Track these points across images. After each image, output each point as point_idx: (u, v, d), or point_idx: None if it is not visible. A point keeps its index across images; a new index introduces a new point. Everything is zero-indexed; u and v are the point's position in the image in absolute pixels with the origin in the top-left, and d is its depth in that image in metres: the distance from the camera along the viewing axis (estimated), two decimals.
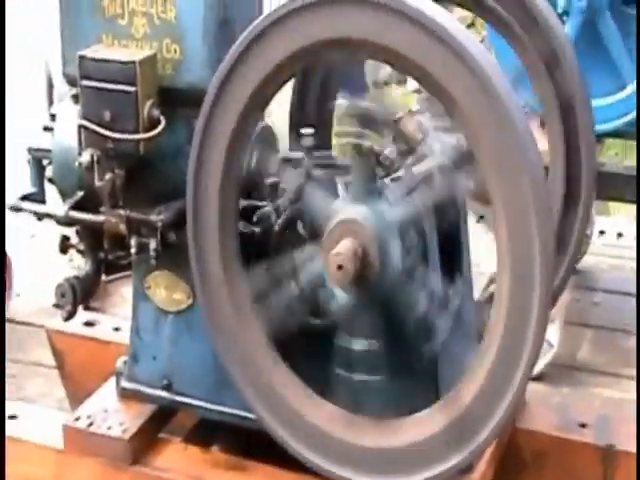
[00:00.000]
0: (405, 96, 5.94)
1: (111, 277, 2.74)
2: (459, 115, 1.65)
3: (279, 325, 1.86)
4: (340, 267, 1.74)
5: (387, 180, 1.89)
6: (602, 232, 3.80)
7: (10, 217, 2.40)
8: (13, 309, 3.57)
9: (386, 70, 5.97)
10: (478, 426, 1.71)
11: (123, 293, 3.52)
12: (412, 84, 5.91)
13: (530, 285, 1.62)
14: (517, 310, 1.64)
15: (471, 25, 4.83)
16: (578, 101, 2.14)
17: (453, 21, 1.63)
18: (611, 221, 3.91)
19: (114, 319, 2.87)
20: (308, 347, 1.92)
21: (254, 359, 1.90)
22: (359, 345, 1.88)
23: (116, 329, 2.75)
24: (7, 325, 3.50)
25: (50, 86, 2.57)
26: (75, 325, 2.67)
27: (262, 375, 1.90)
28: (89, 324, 2.78)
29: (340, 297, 1.85)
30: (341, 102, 1.93)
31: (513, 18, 2.15)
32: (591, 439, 2.23)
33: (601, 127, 2.93)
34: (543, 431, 2.26)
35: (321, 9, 1.69)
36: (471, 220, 2.16)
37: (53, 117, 2.29)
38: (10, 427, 2.33)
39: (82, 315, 2.67)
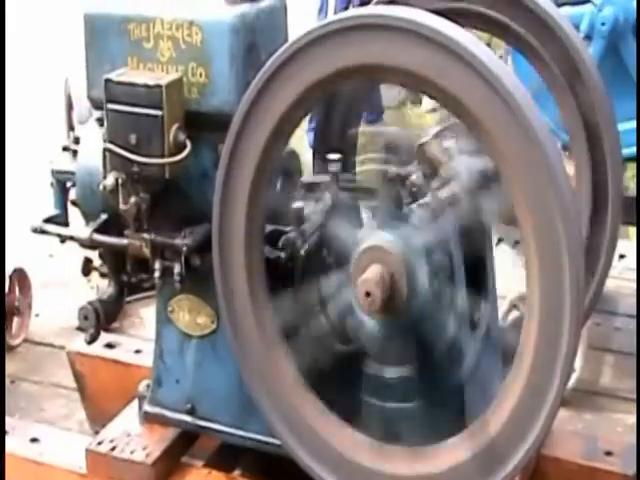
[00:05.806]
0: (420, 116, 5.95)
1: (130, 298, 2.74)
2: (486, 137, 1.64)
3: (307, 354, 1.85)
4: (368, 294, 1.73)
5: (413, 205, 1.89)
6: (622, 256, 3.76)
7: (29, 237, 2.39)
8: (32, 329, 3.56)
9: (401, 92, 5.99)
10: (506, 455, 1.69)
11: (141, 314, 3.51)
12: (426, 105, 5.93)
13: (560, 315, 1.60)
14: (546, 339, 1.63)
15: (488, 45, 4.82)
16: (603, 118, 2.12)
17: (487, 51, 1.62)
18: (632, 245, 3.87)
19: (135, 341, 2.86)
20: (336, 374, 1.91)
21: (281, 386, 1.89)
22: (388, 373, 1.87)
23: (137, 351, 2.74)
24: (26, 345, 3.50)
25: (69, 106, 2.57)
26: (96, 347, 2.65)
27: (289, 402, 1.89)
28: (110, 346, 2.77)
29: (369, 325, 1.84)
30: (365, 129, 1.91)
31: (532, 35, 2.14)
32: (618, 468, 2.21)
33: (624, 151, 2.90)
34: (570, 459, 2.24)
35: (349, 36, 1.69)
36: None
37: (77, 140, 2.29)
38: (32, 451, 2.33)
39: (102, 337, 2.65)
